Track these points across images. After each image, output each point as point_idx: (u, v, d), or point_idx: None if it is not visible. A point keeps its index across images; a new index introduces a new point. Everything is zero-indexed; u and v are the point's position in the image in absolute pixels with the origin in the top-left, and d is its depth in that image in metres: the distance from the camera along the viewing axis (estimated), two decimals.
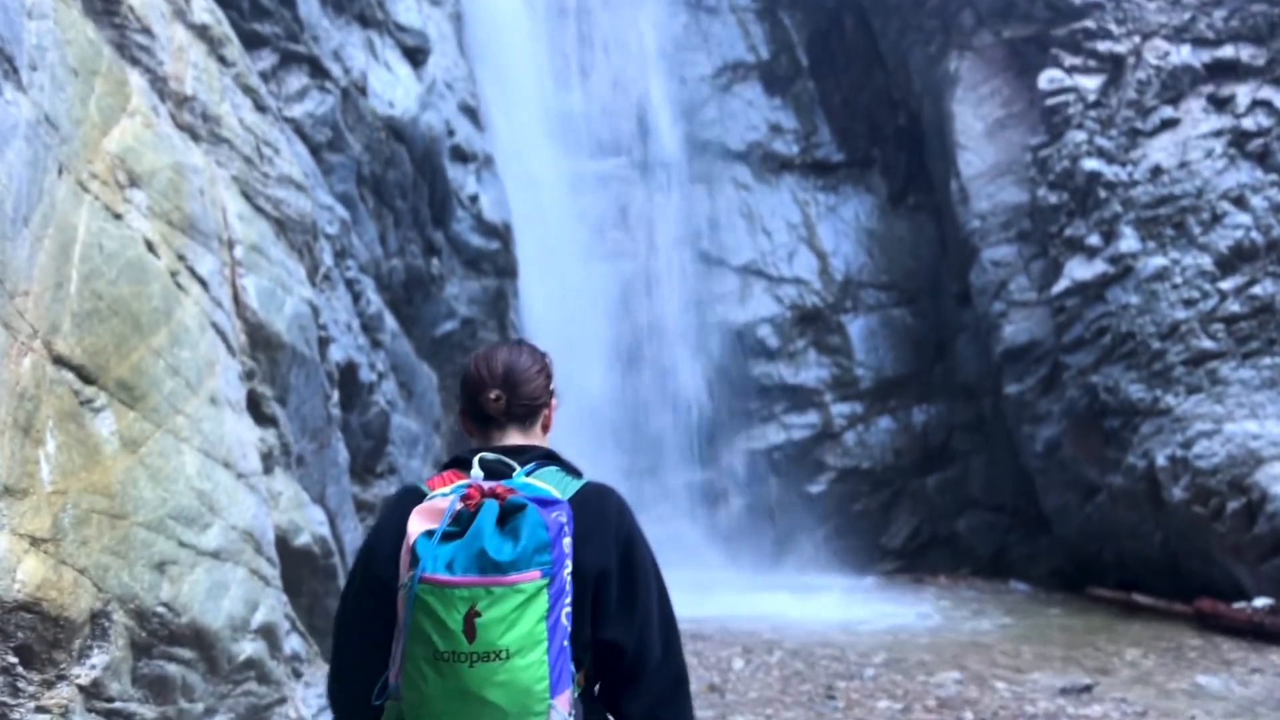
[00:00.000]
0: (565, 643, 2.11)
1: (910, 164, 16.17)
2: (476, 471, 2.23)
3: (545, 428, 2.45)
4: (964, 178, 14.04)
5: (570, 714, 2.13)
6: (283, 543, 5.88)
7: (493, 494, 2.11)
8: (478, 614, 2.00)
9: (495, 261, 11.93)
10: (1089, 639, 9.64)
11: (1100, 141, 12.48)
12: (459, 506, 2.09)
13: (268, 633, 4.81)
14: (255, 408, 5.97)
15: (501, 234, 11.81)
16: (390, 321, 9.98)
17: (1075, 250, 12.48)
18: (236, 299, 5.99)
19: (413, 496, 2.27)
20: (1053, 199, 12.81)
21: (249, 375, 5.89)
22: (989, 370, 14.84)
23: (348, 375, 7.83)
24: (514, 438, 2.36)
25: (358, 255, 9.13)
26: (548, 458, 2.32)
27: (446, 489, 2.19)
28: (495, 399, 2.33)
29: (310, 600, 6.24)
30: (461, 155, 11.35)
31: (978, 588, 13.39)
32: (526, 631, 2.03)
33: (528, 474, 2.24)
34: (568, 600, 2.11)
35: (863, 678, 8.11)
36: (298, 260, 6.64)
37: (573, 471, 2.35)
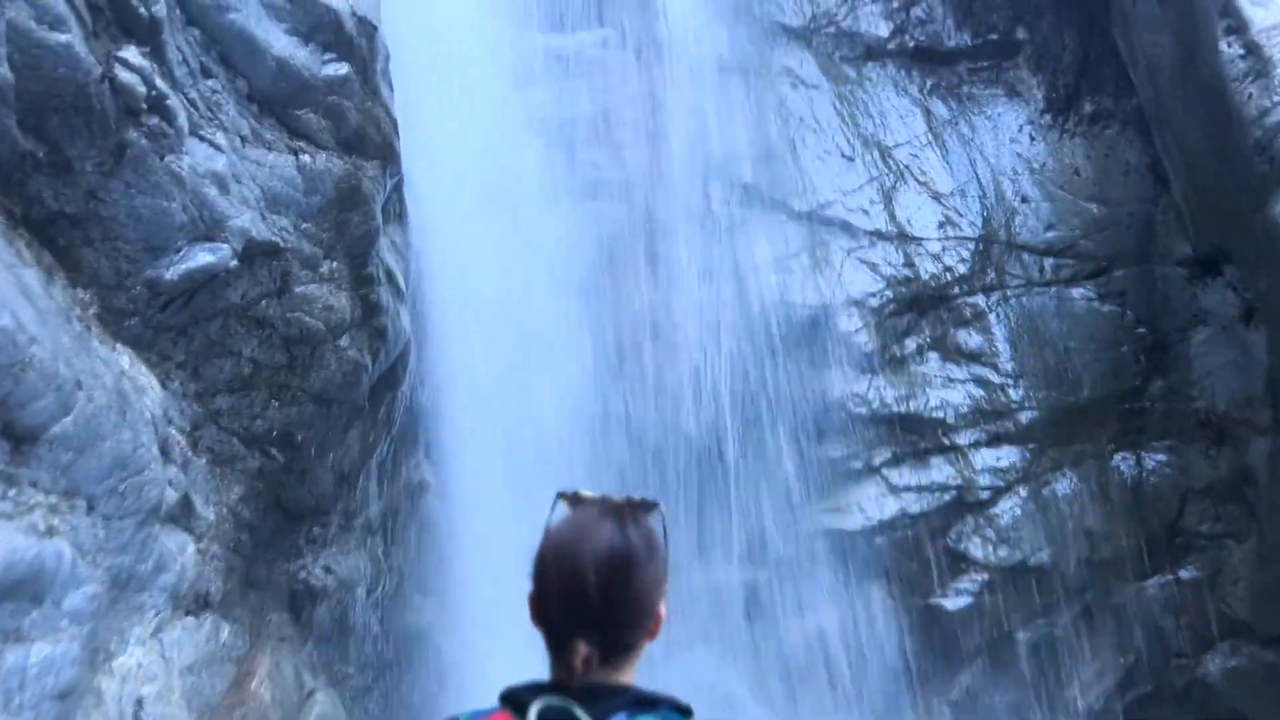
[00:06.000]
0: None
1: (1084, 49, 9.25)
2: None
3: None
4: (1253, 31, 7.20)
5: None
6: None
7: None
8: None
9: (337, 111, 4.77)
10: None
11: None
12: None
13: None
14: None
15: (352, 42, 4.63)
16: None
17: None
18: None
19: None
20: None
21: None
22: (1265, 387, 7.97)
23: None
24: (597, 674, 1.61)
25: None
26: (638, 705, 1.59)
27: None
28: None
29: None
30: None
31: None
32: None
33: None
34: None
35: None
36: None
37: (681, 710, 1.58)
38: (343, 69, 4.64)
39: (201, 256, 4.15)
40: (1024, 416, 8.39)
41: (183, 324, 4.28)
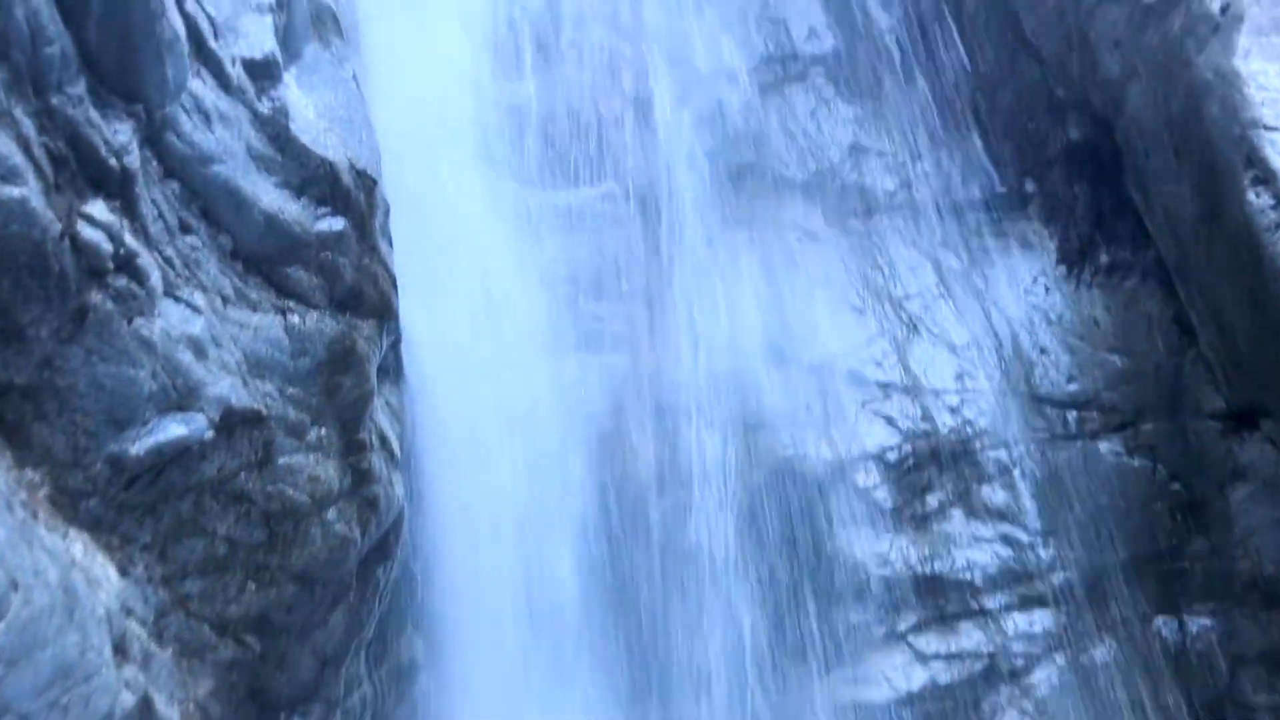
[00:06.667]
0: None
1: (1096, 200, 9.02)
2: None
3: None
4: None
5: None
6: None
7: None
8: None
9: (331, 268, 4.41)
10: None
11: None
12: None
13: None
14: None
15: (349, 195, 4.31)
16: None
17: None
18: None
19: None
20: None
21: None
22: None
23: None
24: None
25: None
26: None
27: None
28: None
29: None
30: None
31: None
32: None
33: None
34: None
35: None
36: None
37: None
38: (339, 224, 4.27)
39: (173, 428, 3.68)
40: (1057, 578, 7.80)
41: (150, 502, 3.78)
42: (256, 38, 3.77)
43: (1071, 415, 8.29)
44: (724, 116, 9.41)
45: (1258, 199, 6.79)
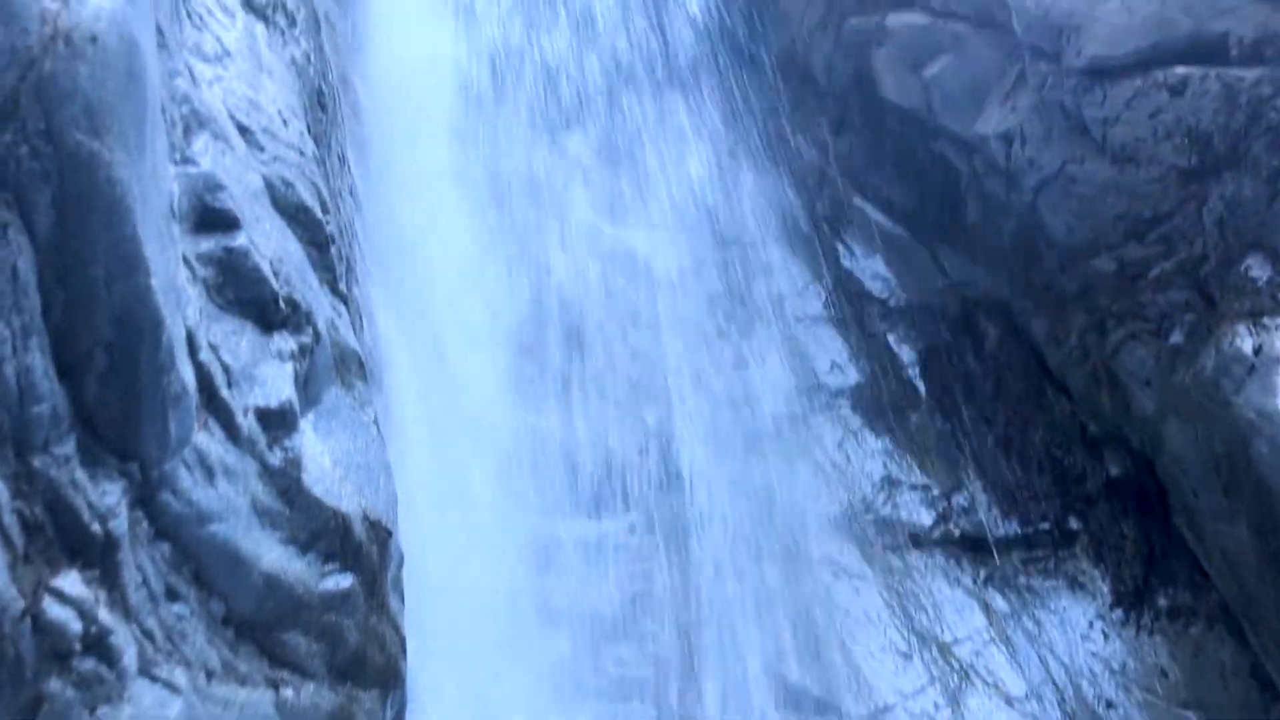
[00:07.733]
0: None
1: (1147, 539, 8.50)
2: None
3: None
4: None
5: None
6: None
7: None
8: None
9: (334, 631, 3.87)
10: None
11: None
12: None
13: None
14: None
15: (360, 549, 3.84)
16: None
17: None
18: None
19: None
20: None
21: None
22: None
23: None
24: None
25: None
26: None
27: None
28: None
29: None
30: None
31: None
32: None
33: None
34: None
35: None
36: None
37: None
38: (346, 582, 3.79)
39: None
40: None
41: None
42: (274, 386, 3.48)
43: None
44: (749, 447, 9.16)
45: None
